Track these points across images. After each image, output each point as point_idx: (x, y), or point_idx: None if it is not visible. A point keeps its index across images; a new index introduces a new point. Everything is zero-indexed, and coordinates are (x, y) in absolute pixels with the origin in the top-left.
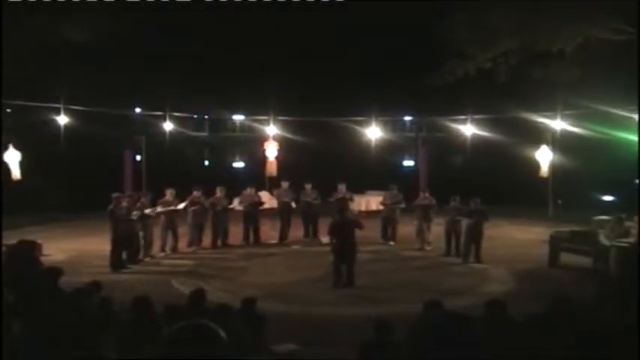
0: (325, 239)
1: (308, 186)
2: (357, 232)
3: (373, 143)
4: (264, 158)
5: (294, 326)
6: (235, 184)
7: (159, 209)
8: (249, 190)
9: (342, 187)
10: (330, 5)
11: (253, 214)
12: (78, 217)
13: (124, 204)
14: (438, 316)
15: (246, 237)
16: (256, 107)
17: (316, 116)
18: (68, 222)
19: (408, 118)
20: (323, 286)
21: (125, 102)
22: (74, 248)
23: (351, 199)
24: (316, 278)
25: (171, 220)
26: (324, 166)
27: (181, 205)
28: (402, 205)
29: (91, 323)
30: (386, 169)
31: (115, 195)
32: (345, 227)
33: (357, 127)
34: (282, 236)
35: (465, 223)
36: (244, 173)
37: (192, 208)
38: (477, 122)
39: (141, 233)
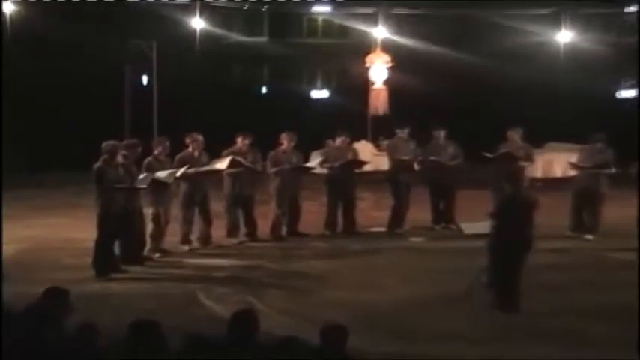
0: (470, 228)
1: (440, 134)
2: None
3: (561, 56)
4: (367, 84)
5: None
6: (314, 128)
7: (180, 171)
8: (338, 141)
9: (514, 135)
10: None
11: (345, 181)
12: (44, 183)
13: (122, 160)
14: None
15: (331, 221)
16: None
17: (459, 7)
18: (27, 190)
19: (629, 10)
20: (463, 310)
21: None
22: (34, 235)
23: (530, 159)
24: (451, 296)
25: (201, 190)
26: (471, 99)
27: (220, 165)
28: (612, 171)
29: None
30: (583, 104)
31: (107, 145)
32: (520, 209)
33: (531, 28)
34: (395, 220)
35: None
36: (330, 110)
37: (235, 169)
38: None
39: (149, 211)
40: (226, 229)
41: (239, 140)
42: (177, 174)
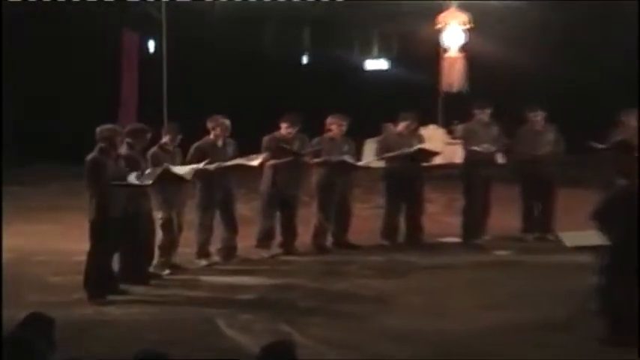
0: (573, 238)
1: (537, 116)
2: None
3: None
4: (437, 51)
5: None
6: (369, 108)
7: (200, 166)
8: (400, 125)
9: (630, 118)
10: None
11: (409, 177)
12: (28, 178)
13: (124, 150)
14: None
15: (390, 228)
16: None
17: None
18: (7, 188)
19: None
20: (560, 344)
21: None
22: (15, 246)
23: None
24: (546, 326)
25: (223, 187)
26: (572, 71)
27: (256, 161)
28: None
29: None
30: None
31: (103, 130)
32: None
33: None
34: (472, 228)
35: None
36: (390, 85)
37: (274, 161)
38: None
39: (157, 215)
40: (257, 237)
41: (284, 127)
42: (199, 166)
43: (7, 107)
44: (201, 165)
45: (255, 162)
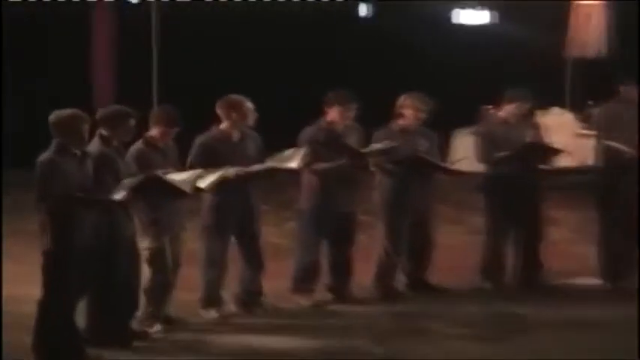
0: None
1: None
2: None
3: None
4: None
5: None
6: (462, 82)
7: (214, 176)
8: (507, 109)
9: None
10: None
11: (521, 186)
12: None
13: (96, 145)
14: None
15: (493, 264)
16: None
17: None
18: None
19: None
20: None
21: None
22: None
23: None
24: None
25: (242, 202)
26: None
27: (293, 163)
28: None
29: None
30: None
31: (61, 117)
32: None
33: None
34: (617, 265)
35: None
36: (493, 48)
37: (323, 165)
38: None
39: (143, 243)
40: (293, 277)
41: (335, 111)
42: (205, 183)
43: None
44: (217, 174)
45: (294, 163)
